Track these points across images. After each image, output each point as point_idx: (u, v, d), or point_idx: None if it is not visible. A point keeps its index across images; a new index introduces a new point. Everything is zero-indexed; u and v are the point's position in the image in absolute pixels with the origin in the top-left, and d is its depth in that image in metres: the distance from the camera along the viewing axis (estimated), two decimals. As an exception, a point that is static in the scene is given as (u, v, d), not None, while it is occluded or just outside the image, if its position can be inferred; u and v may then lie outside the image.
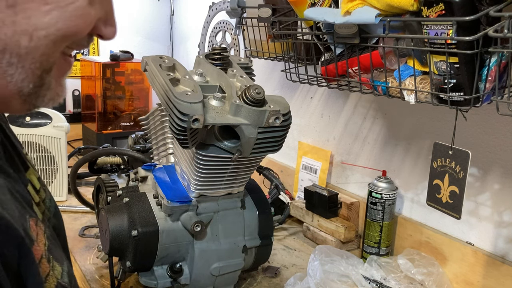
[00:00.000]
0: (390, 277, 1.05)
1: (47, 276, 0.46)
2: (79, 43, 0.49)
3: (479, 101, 0.76)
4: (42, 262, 0.45)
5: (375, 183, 1.15)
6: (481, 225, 1.02)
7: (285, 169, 1.58)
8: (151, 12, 2.33)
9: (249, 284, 1.06)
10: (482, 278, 1.00)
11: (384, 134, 1.24)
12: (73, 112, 2.21)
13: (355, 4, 0.83)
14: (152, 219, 0.89)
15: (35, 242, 0.45)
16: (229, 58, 0.91)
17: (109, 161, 1.47)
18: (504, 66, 0.73)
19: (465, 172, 0.83)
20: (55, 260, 0.49)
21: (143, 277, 0.93)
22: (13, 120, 1.48)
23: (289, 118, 0.81)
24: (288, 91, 1.56)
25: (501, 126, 0.97)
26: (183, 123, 0.73)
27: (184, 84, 0.82)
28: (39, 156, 1.49)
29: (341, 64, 0.98)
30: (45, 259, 0.46)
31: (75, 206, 1.42)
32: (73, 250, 1.17)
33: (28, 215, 0.48)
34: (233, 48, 1.82)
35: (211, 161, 0.83)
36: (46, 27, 0.43)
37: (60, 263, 0.50)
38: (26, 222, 0.46)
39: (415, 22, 0.78)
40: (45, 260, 0.46)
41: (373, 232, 1.15)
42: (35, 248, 0.45)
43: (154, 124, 1.04)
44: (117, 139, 1.96)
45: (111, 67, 1.97)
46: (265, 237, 0.99)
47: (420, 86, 0.83)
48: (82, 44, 0.50)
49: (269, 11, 1.17)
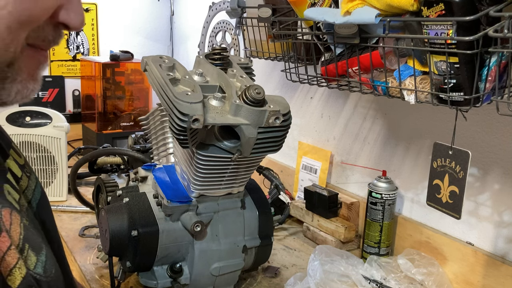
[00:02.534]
0: (390, 277, 1.05)
1: (12, 269, 0.44)
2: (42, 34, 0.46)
3: (479, 101, 0.76)
4: (8, 254, 0.44)
5: (375, 183, 1.15)
6: (481, 225, 1.02)
7: (285, 169, 1.58)
8: (151, 12, 2.33)
9: (249, 284, 1.06)
10: (482, 278, 1.00)
11: (384, 134, 1.24)
12: (73, 112, 2.21)
13: (355, 4, 0.83)
14: (152, 219, 0.89)
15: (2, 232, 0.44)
16: (229, 58, 0.91)
17: (109, 161, 1.48)
18: (504, 66, 0.73)
19: (465, 172, 0.83)
20: (32, 249, 0.47)
21: (143, 277, 0.93)
22: (13, 120, 1.48)
23: (289, 118, 0.81)
24: (288, 91, 1.56)
25: (501, 126, 0.97)
26: (183, 123, 0.73)
27: (184, 84, 0.82)
28: (39, 156, 1.49)
29: (341, 64, 0.98)
30: (15, 249, 0.45)
31: (75, 206, 1.42)
32: (73, 250, 1.17)
33: (0, 205, 0.46)
34: (233, 48, 1.82)
35: (211, 161, 0.83)
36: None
37: (37, 252, 0.48)
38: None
39: (415, 22, 0.78)
40: (13, 251, 0.45)
41: (373, 232, 1.15)
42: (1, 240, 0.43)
43: (154, 124, 1.04)
44: (117, 139, 1.96)
45: (111, 67, 1.97)
46: (265, 237, 0.99)
47: (420, 86, 0.83)
48: (46, 37, 0.47)
49: (269, 11, 1.17)
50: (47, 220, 0.61)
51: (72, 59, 2.21)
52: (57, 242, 0.64)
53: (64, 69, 2.20)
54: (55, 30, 0.47)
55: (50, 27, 0.46)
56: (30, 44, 0.46)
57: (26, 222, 0.49)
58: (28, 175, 0.60)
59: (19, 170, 0.58)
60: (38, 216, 0.59)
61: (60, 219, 1.33)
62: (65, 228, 1.28)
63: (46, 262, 0.48)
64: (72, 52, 2.20)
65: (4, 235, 0.44)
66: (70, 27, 0.47)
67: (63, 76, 2.19)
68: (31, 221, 0.52)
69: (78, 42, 2.21)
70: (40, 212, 0.60)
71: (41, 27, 0.45)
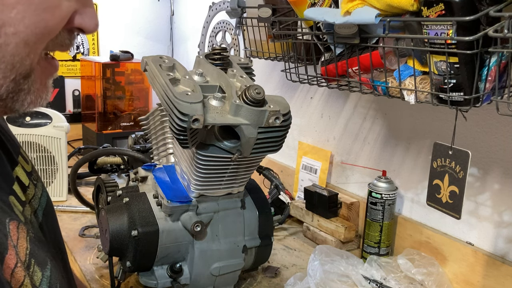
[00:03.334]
0: (390, 277, 1.05)
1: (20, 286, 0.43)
2: (59, 41, 0.46)
3: (479, 101, 0.76)
4: (15, 272, 0.43)
5: (375, 183, 1.15)
6: (481, 225, 1.02)
7: (285, 169, 1.58)
8: (151, 12, 2.33)
9: (249, 284, 1.06)
10: (482, 278, 1.00)
11: (384, 134, 1.24)
12: (73, 112, 2.21)
13: (355, 4, 0.83)
14: (152, 219, 0.89)
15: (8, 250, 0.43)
16: (229, 58, 0.90)
17: (109, 161, 1.47)
18: (504, 66, 0.73)
19: (465, 172, 0.83)
20: (37, 265, 0.47)
21: (143, 277, 0.93)
22: (13, 120, 1.48)
23: (289, 118, 0.81)
24: (288, 91, 1.56)
25: (501, 126, 0.97)
26: (183, 123, 0.73)
27: (184, 84, 0.82)
28: (39, 156, 1.49)
29: (341, 64, 0.98)
30: (22, 266, 0.44)
31: (75, 206, 1.42)
32: (73, 250, 1.17)
33: (8, 218, 0.46)
34: (233, 48, 1.82)
35: (211, 161, 0.83)
36: (13, 23, 0.40)
37: (42, 267, 0.48)
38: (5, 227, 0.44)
39: (415, 22, 0.78)
40: (20, 268, 0.44)
41: (373, 232, 1.15)
42: (9, 257, 0.43)
43: (154, 124, 1.04)
44: (117, 139, 1.96)
45: (111, 67, 1.97)
46: (265, 237, 0.99)
47: (420, 86, 0.83)
48: (64, 43, 0.47)
49: (269, 11, 1.17)
50: (51, 228, 0.61)
51: (72, 59, 2.21)
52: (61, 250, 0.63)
53: (64, 69, 2.20)
54: (70, 34, 0.47)
55: (65, 32, 0.46)
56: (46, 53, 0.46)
57: (32, 235, 0.49)
58: (35, 183, 0.59)
59: (26, 179, 0.57)
60: (44, 225, 0.58)
61: (60, 219, 1.32)
62: (65, 228, 1.28)
63: (51, 277, 0.48)
64: (72, 52, 2.20)
65: (11, 252, 0.44)
66: (85, 31, 0.47)
67: (63, 76, 2.19)
68: (37, 233, 0.52)
69: (78, 42, 2.21)
70: (45, 220, 0.59)
71: (58, 35, 0.45)
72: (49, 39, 0.44)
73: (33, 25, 0.41)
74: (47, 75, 0.48)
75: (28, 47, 0.42)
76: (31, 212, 0.56)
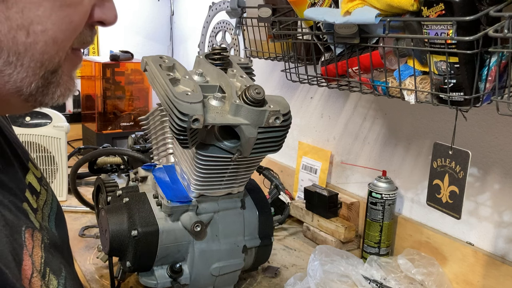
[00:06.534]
0: (390, 277, 1.05)
1: None
2: (82, 40, 0.47)
3: (479, 101, 0.76)
4: (32, 282, 0.43)
5: (375, 183, 1.15)
6: (481, 225, 1.02)
7: (285, 169, 1.58)
8: (151, 12, 2.33)
9: (249, 284, 1.06)
10: (482, 278, 1.00)
11: (384, 134, 1.24)
12: (73, 112, 2.21)
13: (355, 4, 0.83)
14: (152, 219, 0.89)
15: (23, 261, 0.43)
16: (229, 58, 0.90)
17: (109, 161, 1.47)
18: (504, 66, 0.73)
19: (465, 172, 0.83)
20: (52, 273, 0.47)
21: (143, 277, 0.93)
22: (13, 120, 1.47)
23: (289, 118, 0.81)
24: (288, 91, 1.56)
25: (501, 126, 0.97)
26: (183, 123, 0.73)
27: (184, 84, 0.82)
28: (39, 156, 1.49)
29: (341, 64, 0.98)
30: (38, 275, 0.45)
31: (75, 206, 1.42)
32: (73, 250, 1.16)
33: (24, 225, 0.46)
34: (233, 48, 1.82)
35: (211, 161, 0.83)
36: (41, 21, 0.41)
37: (57, 275, 0.48)
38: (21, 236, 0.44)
39: (415, 22, 0.78)
40: (37, 278, 0.44)
41: (373, 232, 1.15)
42: (24, 268, 0.43)
43: (154, 124, 1.04)
44: (117, 139, 1.96)
45: (111, 67, 1.97)
46: (265, 237, 0.98)
47: (420, 86, 0.83)
48: (86, 41, 0.48)
49: (269, 11, 1.17)
50: (63, 233, 0.61)
51: (72, 59, 2.21)
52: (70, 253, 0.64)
53: (64, 69, 2.19)
54: (91, 30, 0.48)
55: (87, 28, 0.47)
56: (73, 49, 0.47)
57: (47, 242, 0.49)
58: (45, 188, 0.60)
59: (38, 184, 0.58)
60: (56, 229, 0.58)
61: (60, 219, 1.33)
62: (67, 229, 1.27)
63: (65, 284, 0.49)
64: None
65: (27, 262, 0.44)
66: (106, 23, 0.48)
67: (63, 76, 2.19)
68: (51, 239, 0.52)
69: (78, 42, 2.20)
70: (57, 226, 0.59)
71: (82, 32, 0.46)
72: (75, 36, 0.45)
73: (60, 22, 0.42)
74: (73, 67, 0.49)
75: (56, 45, 0.43)
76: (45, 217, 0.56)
